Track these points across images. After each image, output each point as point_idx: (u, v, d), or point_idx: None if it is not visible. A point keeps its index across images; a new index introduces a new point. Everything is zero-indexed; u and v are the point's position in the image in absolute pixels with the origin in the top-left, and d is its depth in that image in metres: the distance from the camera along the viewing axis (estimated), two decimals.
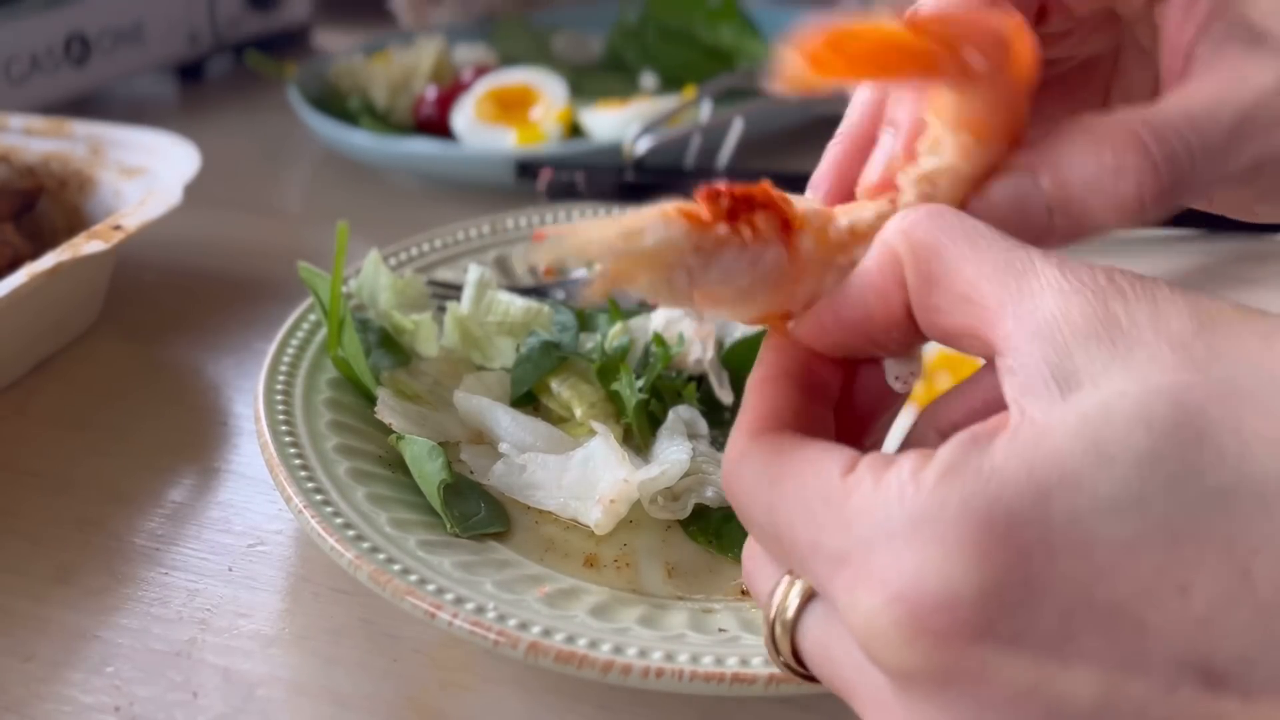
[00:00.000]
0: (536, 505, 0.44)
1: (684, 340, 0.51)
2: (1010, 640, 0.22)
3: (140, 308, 0.63)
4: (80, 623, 0.41)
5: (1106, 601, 0.21)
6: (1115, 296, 0.24)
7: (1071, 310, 0.24)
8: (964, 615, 0.22)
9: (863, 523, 0.24)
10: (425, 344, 0.51)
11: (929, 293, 0.26)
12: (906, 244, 0.26)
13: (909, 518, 0.23)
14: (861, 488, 0.24)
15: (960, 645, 0.22)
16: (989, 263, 0.25)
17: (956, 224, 0.26)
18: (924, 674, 0.23)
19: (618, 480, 0.42)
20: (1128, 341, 0.23)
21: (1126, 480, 0.21)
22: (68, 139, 0.66)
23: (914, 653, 0.22)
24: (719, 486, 0.44)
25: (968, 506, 0.22)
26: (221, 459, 0.50)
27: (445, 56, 0.93)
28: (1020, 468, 0.22)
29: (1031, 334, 0.24)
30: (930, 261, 0.26)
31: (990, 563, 0.22)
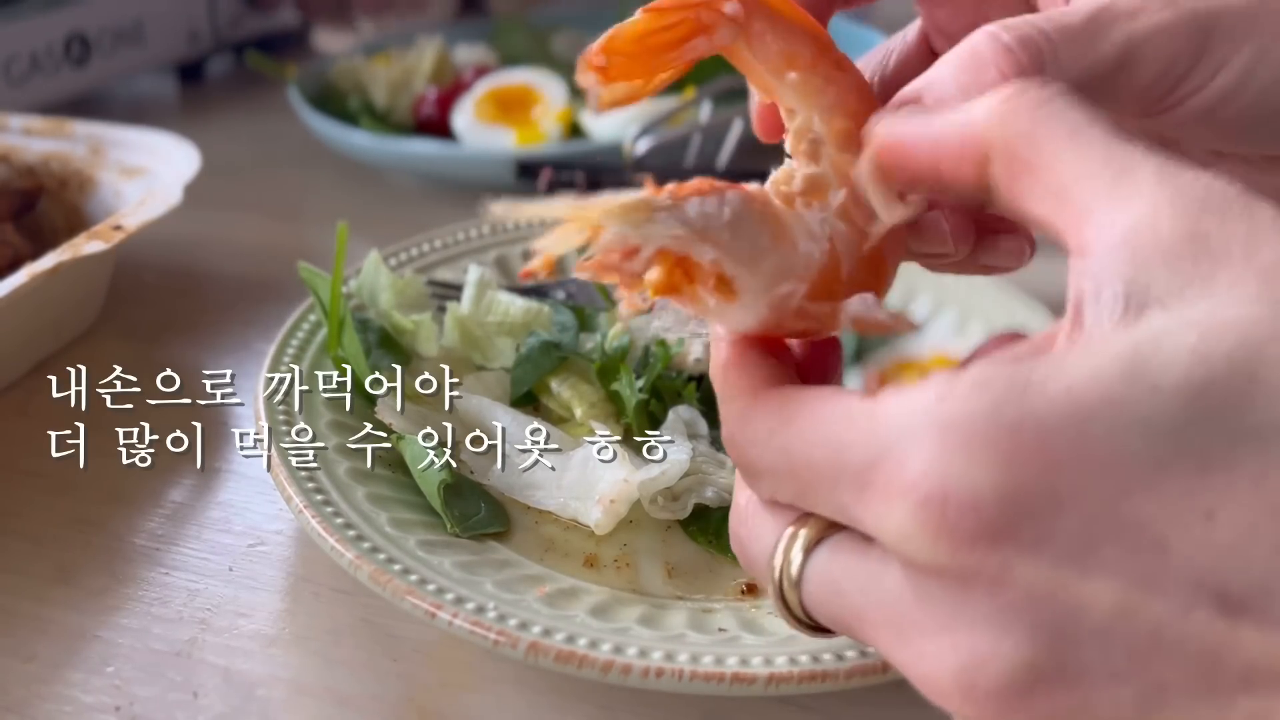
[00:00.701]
0: (536, 505, 0.44)
1: (684, 340, 0.51)
2: (1032, 545, 0.22)
3: (140, 308, 0.63)
4: (81, 623, 0.41)
5: (1131, 518, 0.22)
6: (1211, 211, 0.23)
7: (1161, 222, 0.23)
8: (987, 517, 0.22)
9: (891, 427, 0.23)
10: (425, 344, 0.51)
11: (1018, 178, 0.25)
12: (1002, 131, 0.26)
13: (938, 421, 0.23)
14: (887, 401, 0.24)
15: (983, 547, 0.22)
16: (1087, 160, 0.24)
17: (1060, 113, 0.25)
18: (946, 572, 0.23)
19: (618, 480, 0.42)
20: (1212, 263, 0.23)
21: (1167, 408, 0.21)
22: (68, 139, 0.66)
23: (939, 551, 0.23)
24: (719, 487, 0.44)
25: (1000, 414, 0.22)
26: (222, 459, 0.50)
27: (445, 56, 0.93)
28: (1060, 384, 0.22)
29: (1114, 244, 0.23)
30: (1025, 151, 0.25)
31: (1016, 469, 0.22)
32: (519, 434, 0.46)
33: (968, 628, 0.23)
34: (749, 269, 0.28)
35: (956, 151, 0.26)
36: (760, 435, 0.27)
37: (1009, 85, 0.26)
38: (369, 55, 0.94)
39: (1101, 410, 0.22)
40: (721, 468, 0.45)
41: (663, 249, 0.27)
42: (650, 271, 0.28)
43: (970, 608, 0.23)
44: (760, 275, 0.28)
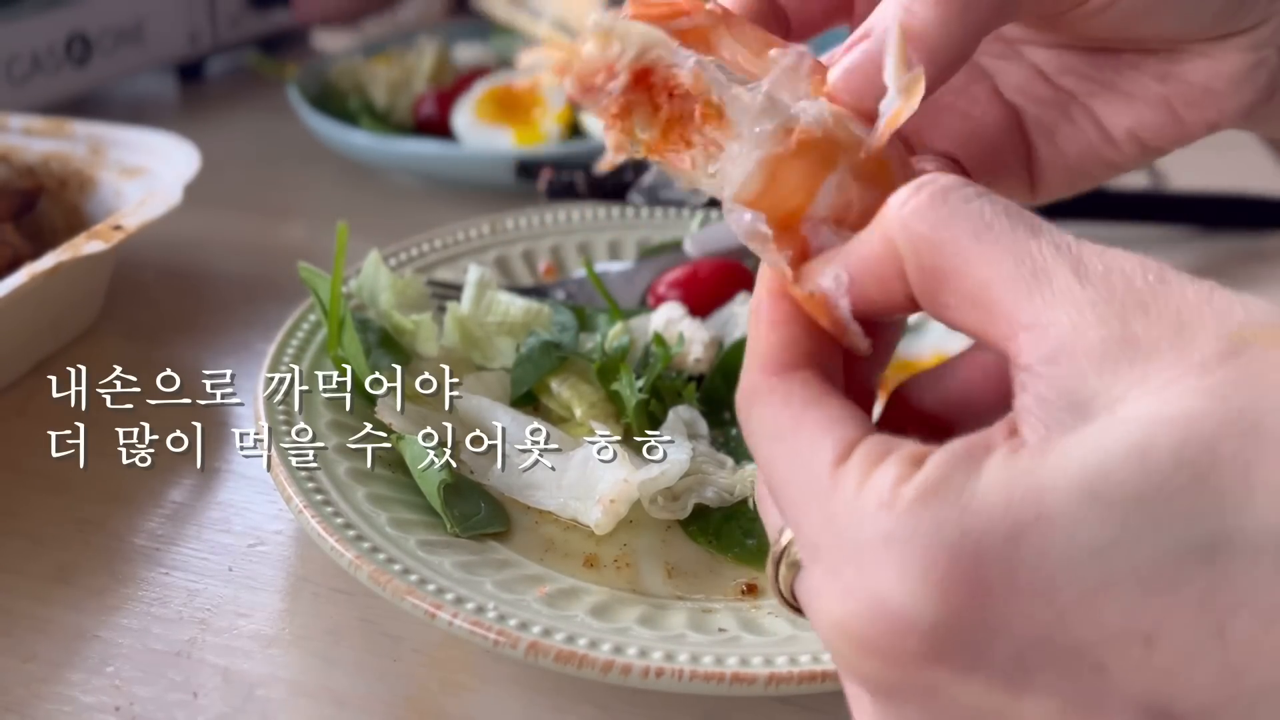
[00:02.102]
0: (536, 505, 0.44)
1: (684, 340, 0.51)
2: (964, 670, 0.22)
3: (140, 308, 0.63)
4: (80, 623, 0.41)
5: (1066, 644, 0.21)
6: (1136, 311, 0.23)
7: (1088, 331, 0.23)
8: (914, 643, 0.22)
9: (839, 524, 0.24)
10: (425, 344, 0.51)
11: (936, 290, 0.25)
12: (906, 237, 0.25)
13: (880, 535, 0.22)
14: (845, 488, 0.24)
15: (910, 667, 0.22)
16: (997, 263, 0.24)
17: (961, 211, 0.25)
18: (875, 685, 0.23)
19: (618, 480, 0.42)
20: (1145, 364, 0.22)
21: (1105, 523, 0.21)
22: (68, 139, 0.66)
23: (865, 665, 0.23)
24: (719, 486, 0.44)
25: (938, 535, 0.22)
26: (222, 459, 0.50)
27: (445, 56, 0.93)
28: (999, 501, 0.22)
29: (1046, 357, 0.23)
30: (934, 258, 0.25)
31: (948, 596, 0.21)
32: (519, 434, 0.46)
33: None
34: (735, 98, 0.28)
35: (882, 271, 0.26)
36: (755, 426, 0.27)
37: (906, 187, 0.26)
38: (369, 55, 0.94)
39: (1036, 530, 0.21)
40: (721, 468, 0.45)
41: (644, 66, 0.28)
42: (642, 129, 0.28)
43: (902, 711, 0.23)
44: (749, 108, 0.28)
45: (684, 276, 0.56)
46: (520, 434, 0.46)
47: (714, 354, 0.51)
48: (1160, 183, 0.75)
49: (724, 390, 0.50)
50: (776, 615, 0.38)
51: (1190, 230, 0.70)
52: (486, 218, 0.62)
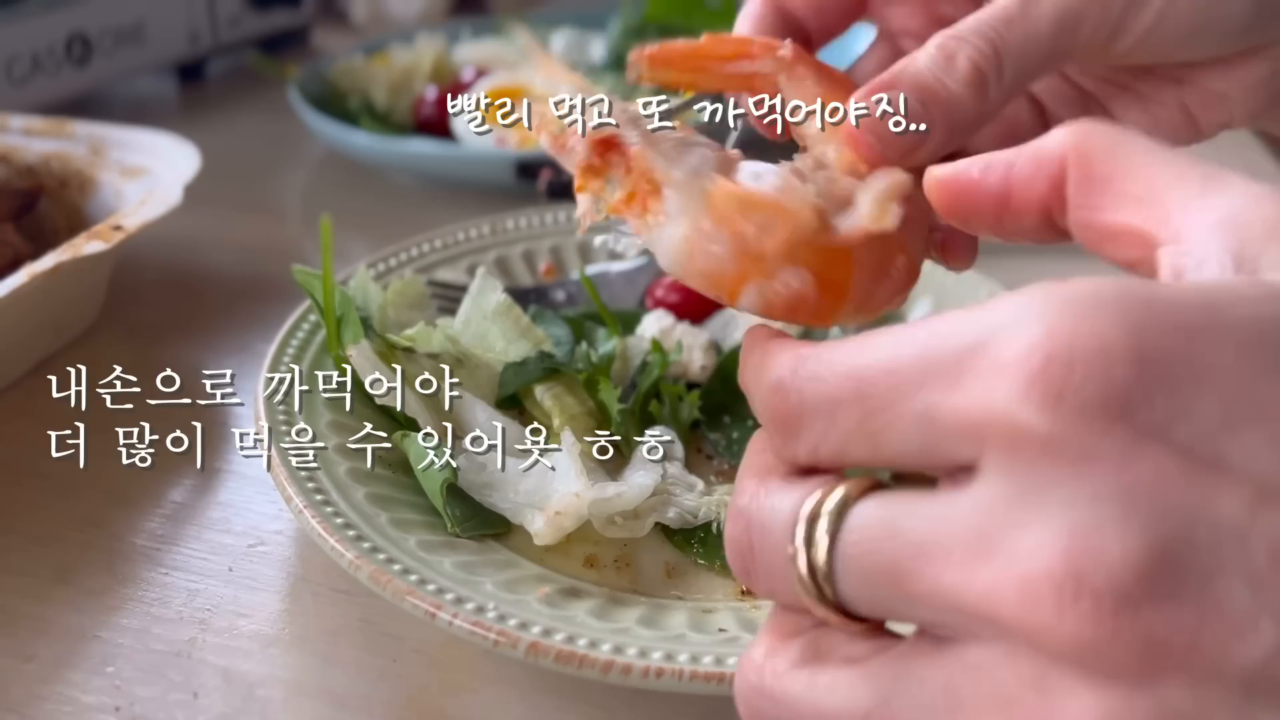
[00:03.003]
0: (490, 506, 0.43)
1: (682, 348, 0.51)
2: (1164, 420, 0.19)
3: (140, 308, 0.63)
4: (81, 623, 0.41)
5: (1275, 400, 0.19)
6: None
7: (1259, 207, 0.22)
8: (1118, 379, 0.19)
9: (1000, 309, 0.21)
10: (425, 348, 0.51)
11: (1095, 191, 0.25)
12: (1078, 145, 0.25)
13: (1059, 293, 0.20)
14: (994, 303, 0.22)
15: (1110, 416, 0.19)
16: (1174, 169, 0.24)
17: (1141, 137, 0.25)
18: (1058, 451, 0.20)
19: (568, 494, 0.41)
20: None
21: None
22: (68, 139, 0.66)
23: (1057, 419, 0.20)
24: (682, 508, 0.43)
25: (1127, 291, 0.20)
26: (222, 459, 0.50)
27: (445, 56, 0.93)
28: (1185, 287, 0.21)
29: (1213, 225, 0.22)
30: (1105, 162, 0.25)
31: (1151, 334, 0.20)
32: (490, 432, 0.45)
33: (1078, 510, 0.19)
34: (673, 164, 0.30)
35: (1031, 172, 0.26)
36: (823, 368, 0.24)
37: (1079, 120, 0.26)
38: (369, 55, 0.94)
39: (1239, 302, 0.20)
40: (690, 490, 0.44)
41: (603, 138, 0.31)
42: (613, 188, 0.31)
43: (1087, 487, 0.19)
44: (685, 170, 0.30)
45: None
46: (490, 431, 0.45)
47: (712, 358, 0.51)
48: None
49: (723, 394, 0.50)
50: None
51: None
52: (486, 218, 0.62)
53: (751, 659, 0.25)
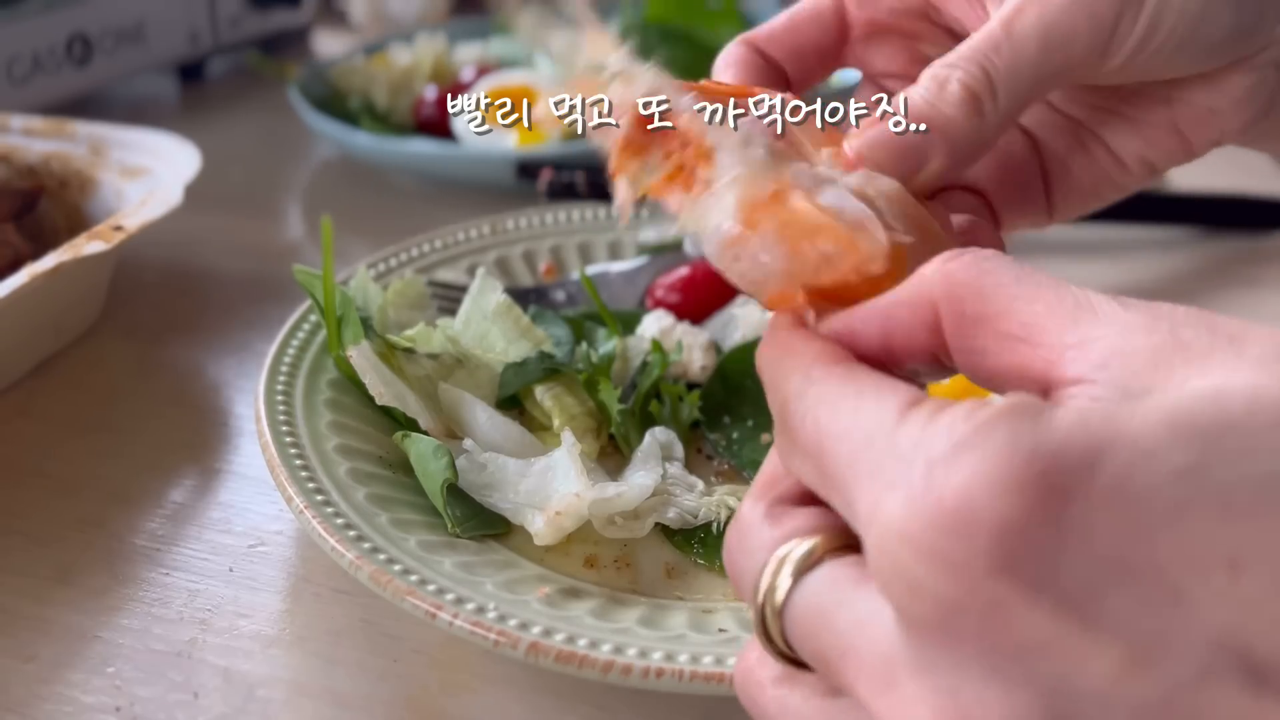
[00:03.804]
0: (490, 506, 0.43)
1: (682, 348, 0.51)
2: (1031, 584, 0.20)
3: (140, 308, 0.63)
4: (81, 623, 0.41)
5: (1143, 564, 0.20)
6: (1184, 325, 0.22)
7: (1138, 339, 0.22)
8: (982, 544, 0.20)
9: (906, 443, 0.22)
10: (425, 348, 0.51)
11: (972, 335, 0.25)
12: (947, 286, 0.25)
13: (954, 443, 0.21)
14: (916, 419, 0.23)
15: (974, 576, 0.20)
16: (1043, 301, 0.24)
17: (1005, 266, 0.25)
18: (933, 602, 0.21)
19: (568, 494, 0.41)
20: (1202, 361, 0.22)
21: (1189, 448, 0.20)
22: (69, 139, 0.67)
23: (926, 577, 0.21)
24: (682, 508, 0.43)
25: (1014, 441, 0.21)
26: (222, 459, 0.50)
27: (445, 56, 0.93)
28: (1078, 421, 0.21)
29: (1096, 364, 0.22)
30: (976, 303, 0.25)
31: (1023, 497, 0.20)
32: (491, 432, 0.45)
33: (950, 672, 0.21)
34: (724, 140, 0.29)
35: (908, 320, 0.26)
36: (807, 404, 0.26)
37: (944, 254, 0.26)
38: (369, 55, 0.94)
39: (1118, 447, 0.20)
40: (690, 490, 0.44)
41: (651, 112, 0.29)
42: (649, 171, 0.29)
43: (955, 645, 0.21)
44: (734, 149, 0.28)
45: (683, 279, 0.56)
46: (492, 433, 0.46)
47: (712, 358, 0.51)
48: (1161, 184, 0.75)
49: (722, 395, 0.50)
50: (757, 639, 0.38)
51: (1191, 231, 0.71)
52: (487, 218, 0.62)
53: (746, 659, 0.27)
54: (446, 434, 0.47)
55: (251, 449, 0.50)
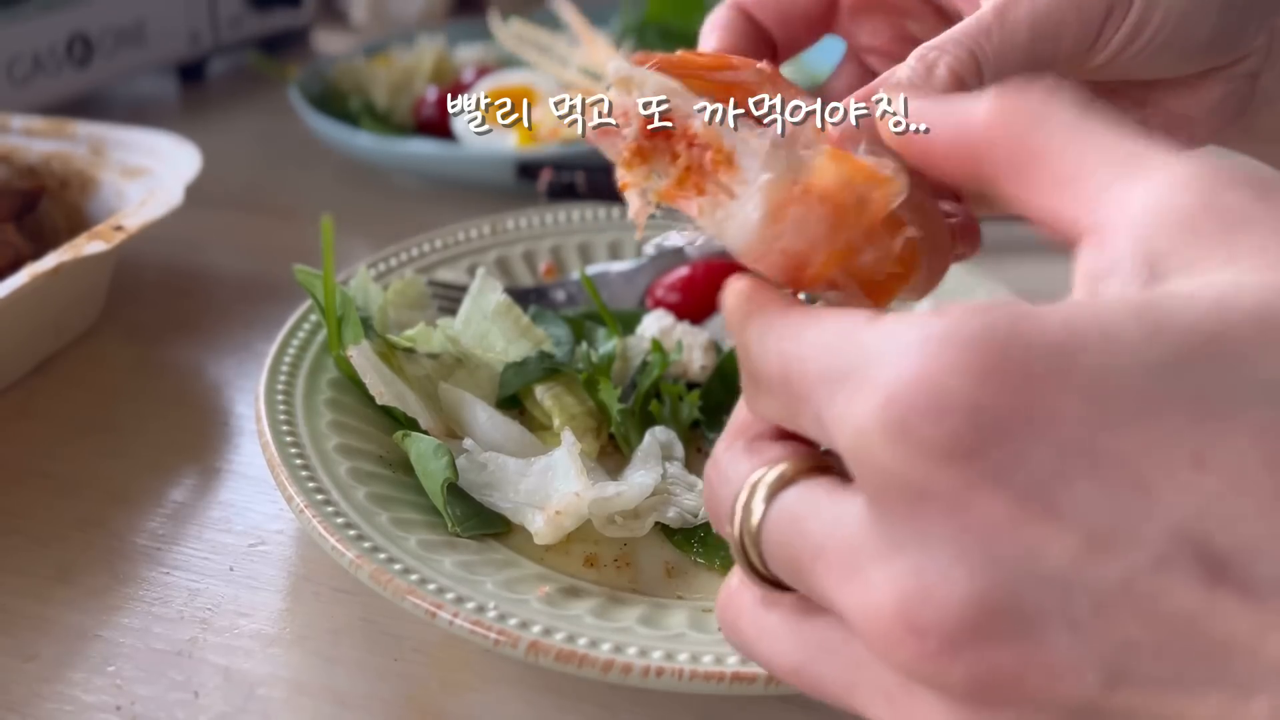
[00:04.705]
0: (490, 506, 0.43)
1: (682, 348, 0.51)
2: (997, 469, 0.20)
3: (141, 308, 0.63)
4: (82, 622, 0.41)
5: (1111, 451, 0.20)
6: (1231, 185, 0.22)
7: (1179, 196, 0.22)
8: (951, 427, 0.20)
9: (876, 339, 0.22)
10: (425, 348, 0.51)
11: (1024, 166, 0.25)
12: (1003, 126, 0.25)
13: (926, 332, 0.21)
14: (884, 322, 0.23)
15: (941, 460, 0.20)
16: (1095, 148, 0.24)
17: (1069, 96, 0.25)
18: (902, 483, 0.21)
19: (568, 493, 0.41)
20: (1236, 232, 0.21)
21: (1170, 348, 0.20)
22: (69, 139, 0.67)
23: (895, 457, 0.21)
24: (682, 508, 0.43)
25: (988, 330, 0.21)
26: (223, 459, 0.50)
27: (445, 57, 0.93)
28: (1058, 316, 0.21)
29: (1133, 217, 0.22)
30: (1036, 136, 0.25)
31: (992, 382, 0.20)
32: (491, 432, 0.46)
33: (917, 551, 0.21)
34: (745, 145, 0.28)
35: (951, 142, 0.26)
36: (769, 343, 0.26)
37: (1007, 84, 0.26)
38: (369, 55, 0.94)
39: (1096, 342, 0.20)
40: (690, 490, 0.44)
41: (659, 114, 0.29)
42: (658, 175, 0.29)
43: (923, 528, 0.21)
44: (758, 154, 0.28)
45: (683, 279, 0.56)
46: (492, 433, 0.46)
47: (712, 358, 0.51)
48: None
49: (722, 394, 0.50)
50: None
51: None
52: (487, 218, 0.62)
53: (727, 586, 0.28)
54: (446, 433, 0.47)
55: (252, 448, 0.50)
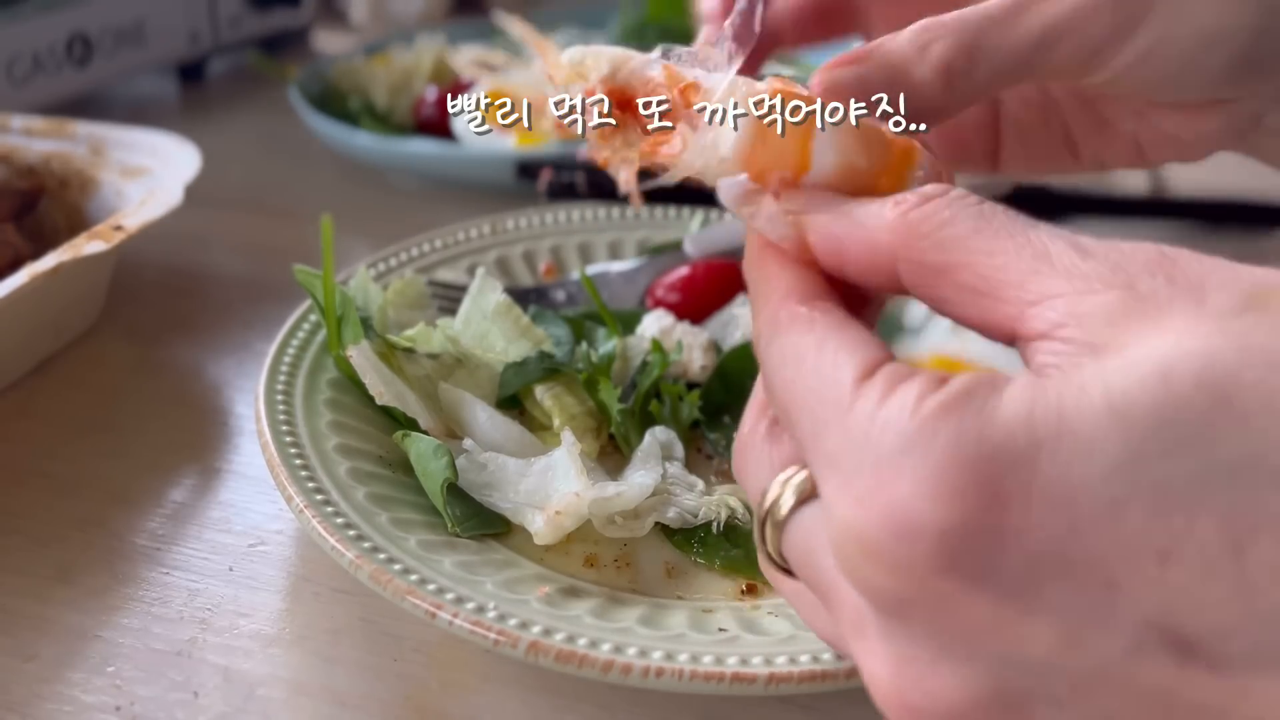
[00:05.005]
0: (490, 506, 0.43)
1: (682, 348, 0.51)
2: (972, 579, 0.22)
3: (141, 308, 0.63)
4: (82, 622, 0.41)
5: (1079, 557, 0.21)
6: (1143, 276, 0.23)
7: (1097, 295, 0.23)
8: (925, 549, 0.22)
9: (858, 434, 0.23)
10: (425, 348, 0.51)
11: (934, 284, 0.26)
12: (907, 236, 0.26)
13: (900, 442, 0.22)
14: (868, 399, 0.24)
15: (919, 576, 0.22)
16: (1002, 254, 0.25)
17: (963, 210, 0.26)
18: (883, 595, 0.23)
19: (568, 493, 0.41)
20: (1160, 314, 0.22)
21: (1128, 439, 0.21)
22: (69, 139, 0.67)
23: (876, 575, 0.23)
24: (682, 508, 0.43)
25: (956, 443, 0.22)
26: (222, 459, 0.50)
27: (445, 57, 0.93)
28: (1021, 413, 0.22)
29: (1055, 323, 0.23)
30: (936, 253, 0.26)
31: (963, 501, 0.21)
32: (491, 432, 0.45)
33: (907, 643, 0.23)
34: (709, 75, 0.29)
35: (867, 260, 0.27)
36: (775, 354, 0.27)
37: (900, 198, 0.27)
38: (369, 55, 0.94)
39: (1056, 443, 0.21)
40: (690, 490, 0.44)
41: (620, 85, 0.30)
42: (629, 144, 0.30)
43: (909, 628, 0.23)
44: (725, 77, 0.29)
45: (683, 279, 0.56)
46: (492, 433, 0.46)
47: (712, 358, 0.51)
48: (1161, 185, 0.75)
49: (722, 394, 0.50)
50: (777, 615, 0.38)
51: (1191, 231, 0.71)
52: (487, 218, 0.62)
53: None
54: (446, 434, 0.47)
55: (251, 448, 0.50)
